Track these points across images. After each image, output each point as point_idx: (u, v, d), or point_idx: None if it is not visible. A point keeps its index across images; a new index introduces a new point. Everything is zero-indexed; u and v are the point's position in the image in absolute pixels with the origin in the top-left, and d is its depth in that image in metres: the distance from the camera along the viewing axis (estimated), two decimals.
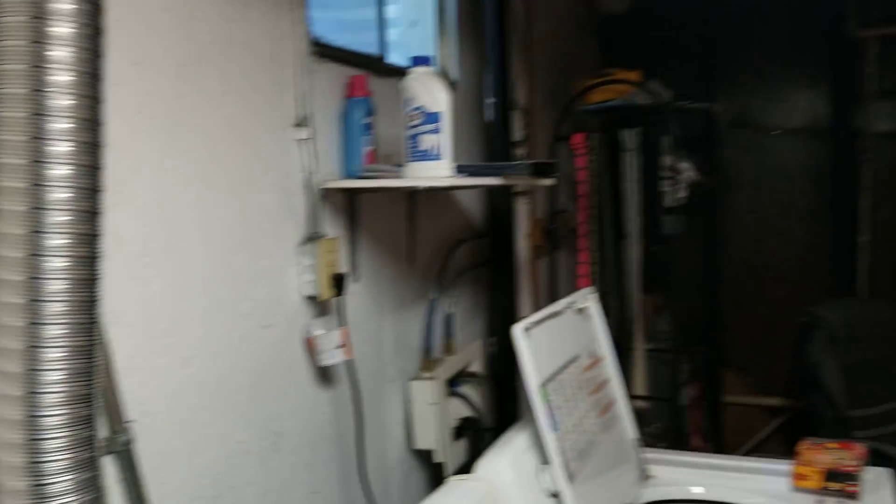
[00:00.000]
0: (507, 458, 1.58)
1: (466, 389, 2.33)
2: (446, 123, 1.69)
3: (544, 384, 1.66)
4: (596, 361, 2.00)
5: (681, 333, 3.98)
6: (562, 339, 1.84)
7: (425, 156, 1.70)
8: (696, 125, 3.77)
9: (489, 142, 2.54)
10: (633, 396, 3.29)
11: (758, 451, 3.90)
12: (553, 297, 3.02)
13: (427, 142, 1.70)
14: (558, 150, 3.10)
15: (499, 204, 2.59)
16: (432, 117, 1.69)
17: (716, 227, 3.93)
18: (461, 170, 1.74)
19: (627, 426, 1.80)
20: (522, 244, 2.98)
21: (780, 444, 3.83)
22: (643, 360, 3.23)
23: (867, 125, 3.56)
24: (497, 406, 2.52)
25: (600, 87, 3.04)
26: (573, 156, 3.09)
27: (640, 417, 3.20)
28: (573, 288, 3.17)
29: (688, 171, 3.24)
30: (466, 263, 2.52)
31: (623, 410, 1.99)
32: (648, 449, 1.82)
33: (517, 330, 1.59)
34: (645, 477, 1.75)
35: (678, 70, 3.87)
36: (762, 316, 3.98)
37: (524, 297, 2.94)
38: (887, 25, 3.35)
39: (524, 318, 1.68)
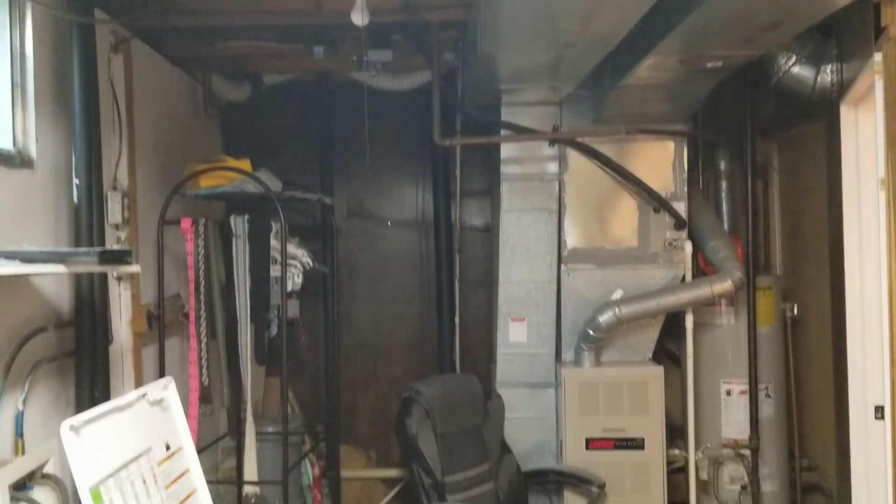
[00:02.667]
0: None
1: (37, 493, 2.13)
2: None
3: (99, 483, 1.58)
4: (174, 452, 1.96)
5: (304, 414, 4.07)
6: (129, 433, 1.78)
7: None
8: (313, 214, 3.96)
9: (77, 224, 2.42)
10: (245, 482, 3.26)
11: None
12: None
13: None
14: (167, 234, 3.05)
15: (88, 290, 2.46)
16: None
17: (335, 310, 4.13)
18: (9, 256, 1.63)
19: None
20: (124, 331, 2.85)
21: None
22: (254, 444, 3.23)
23: (459, 220, 4.04)
24: None
25: (211, 172, 3.07)
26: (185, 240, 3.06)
27: (255, 501, 3.18)
28: (187, 374, 3.11)
29: (302, 257, 3.38)
30: (46, 355, 2.33)
31: (203, 498, 1.96)
32: None
33: (63, 429, 1.51)
34: None
35: (299, 160, 4.06)
36: (379, 392, 4.22)
37: (126, 387, 2.80)
38: (464, 137, 3.85)
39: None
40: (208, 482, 3.24)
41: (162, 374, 2.90)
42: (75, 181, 2.37)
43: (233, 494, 3.33)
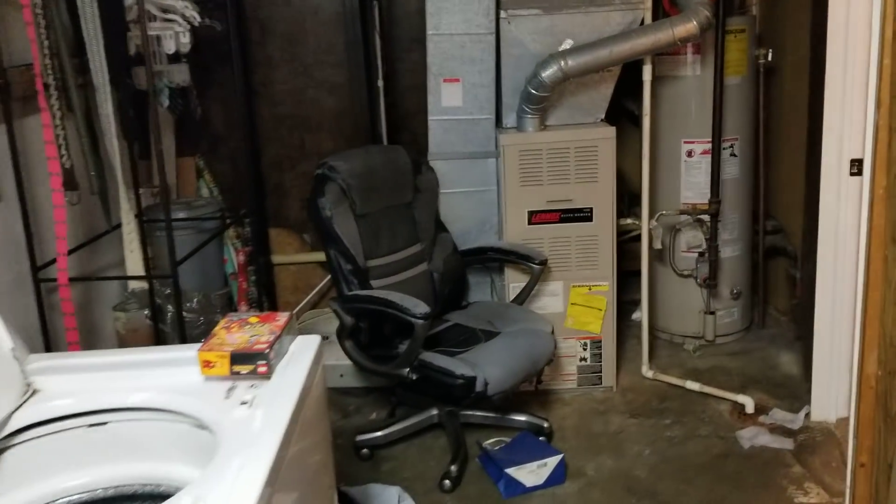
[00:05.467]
0: None
1: None
2: None
3: None
4: None
5: (226, 198, 3.69)
6: None
7: None
8: None
9: None
10: (129, 277, 2.95)
11: (317, 306, 3.85)
12: (18, 173, 2.48)
13: None
14: None
15: None
16: None
17: (249, 78, 3.61)
18: None
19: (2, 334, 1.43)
20: None
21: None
22: (135, 234, 2.86)
23: None
24: None
25: None
26: None
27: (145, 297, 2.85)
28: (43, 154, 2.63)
29: (185, 10, 2.82)
30: None
31: None
32: (34, 356, 1.48)
33: None
34: (29, 393, 1.42)
35: None
36: (309, 170, 3.78)
37: None
38: None
39: None
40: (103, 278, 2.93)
41: (15, 163, 2.46)
42: None
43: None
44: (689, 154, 3.41)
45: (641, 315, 3.33)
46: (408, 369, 2.56)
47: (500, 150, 3.03)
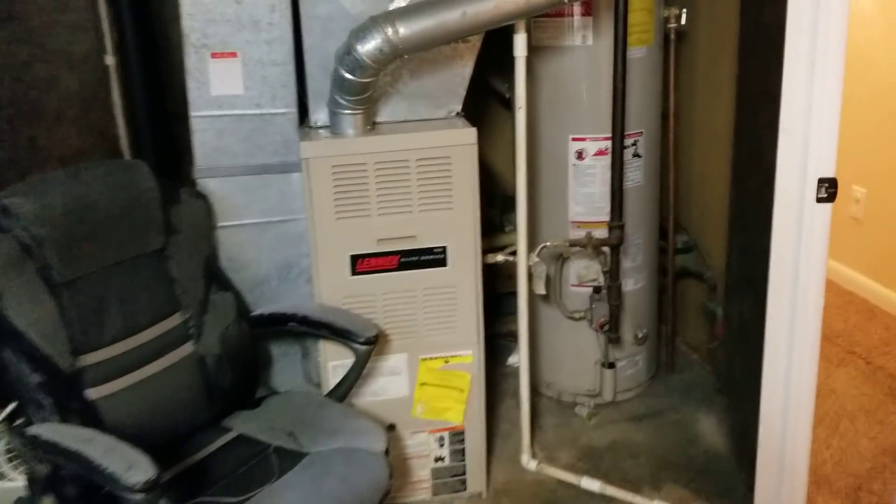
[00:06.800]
0: None
1: None
2: None
3: None
4: None
5: None
6: None
7: None
8: None
9: None
10: None
11: None
12: None
13: None
14: None
15: None
16: None
17: None
18: None
19: None
20: None
21: None
22: None
23: None
24: None
25: None
26: None
27: None
28: None
29: None
30: None
31: None
32: None
33: None
34: None
35: None
36: None
37: None
38: None
39: None
40: None
41: None
42: None
43: None
44: (580, 155, 2.47)
45: (520, 360, 2.38)
46: None
47: (303, 163, 1.98)
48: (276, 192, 2.10)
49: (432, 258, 2.07)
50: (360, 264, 2.03)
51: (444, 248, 2.06)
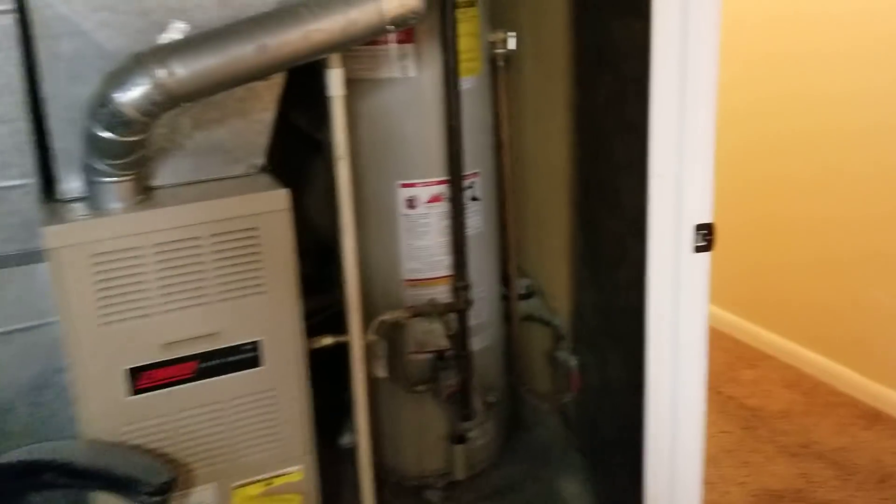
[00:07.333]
0: None
1: None
2: None
3: None
4: None
5: None
6: None
7: None
8: None
9: None
10: None
11: None
12: None
13: None
14: None
15: None
16: None
17: None
18: None
19: None
20: None
21: None
22: None
23: None
24: None
25: None
26: None
27: None
28: None
29: None
30: None
31: None
32: None
33: None
34: None
35: None
36: None
37: None
38: None
39: None
40: None
41: None
42: None
43: None
44: (410, 204, 2.10)
45: (360, 456, 1.97)
46: None
47: (49, 254, 1.44)
48: (16, 291, 1.54)
49: (241, 358, 1.60)
50: (142, 379, 1.52)
51: (256, 343, 1.61)
